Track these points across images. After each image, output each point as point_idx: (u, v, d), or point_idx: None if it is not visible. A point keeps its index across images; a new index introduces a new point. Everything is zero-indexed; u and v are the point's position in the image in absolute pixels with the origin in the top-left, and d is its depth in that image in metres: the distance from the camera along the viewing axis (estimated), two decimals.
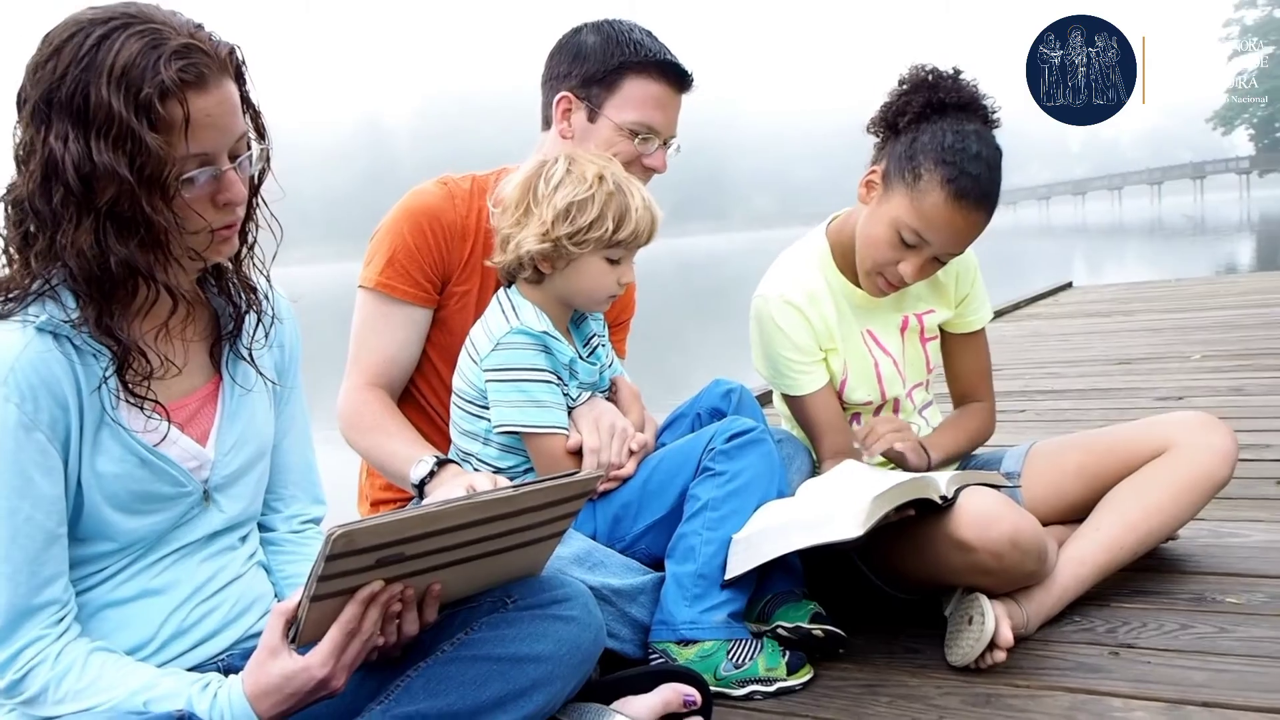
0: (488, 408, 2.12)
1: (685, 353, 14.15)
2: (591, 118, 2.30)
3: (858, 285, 2.39)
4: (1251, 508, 2.78)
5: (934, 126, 2.20)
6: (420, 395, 2.40)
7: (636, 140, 2.30)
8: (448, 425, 2.31)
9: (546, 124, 2.40)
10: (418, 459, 2.12)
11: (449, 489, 1.99)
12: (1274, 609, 2.11)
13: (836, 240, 2.43)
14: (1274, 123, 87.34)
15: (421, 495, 2.10)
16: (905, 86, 2.27)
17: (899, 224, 2.20)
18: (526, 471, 2.16)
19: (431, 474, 2.09)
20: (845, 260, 2.40)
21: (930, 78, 2.25)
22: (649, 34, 2.34)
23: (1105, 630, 2.08)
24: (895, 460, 2.33)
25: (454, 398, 2.21)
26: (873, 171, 2.29)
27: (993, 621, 1.92)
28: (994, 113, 2.26)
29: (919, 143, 2.19)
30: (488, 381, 2.10)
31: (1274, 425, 3.71)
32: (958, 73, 2.27)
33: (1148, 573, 2.34)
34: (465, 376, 2.17)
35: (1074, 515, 2.31)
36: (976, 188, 2.14)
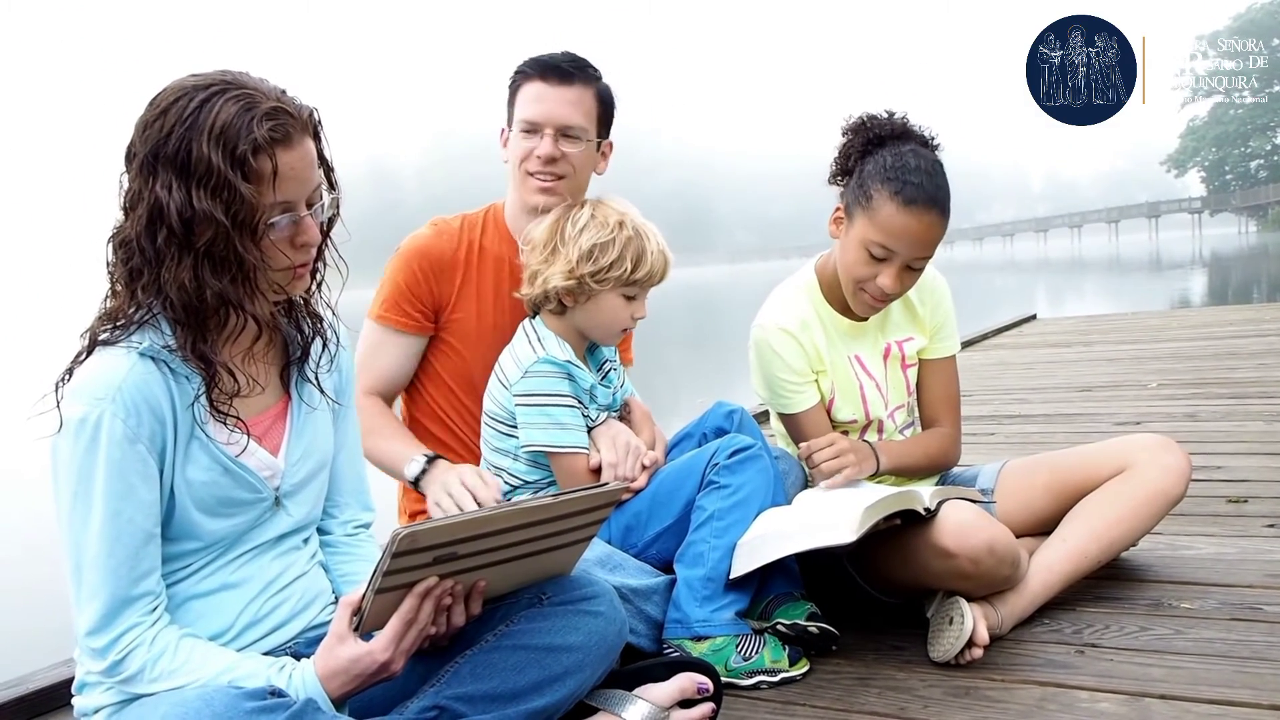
0: (516, 427, 2.21)
1: (674, 376, 14.20)
2: (510, 134, 2.42)
3: (844, 315, 2.49)
4: (1204, 523, 2.86)
5: (875, 157, 2.31)
6: (444, 414, 2.49)
7: (525, 138, 2.37)
8: (468, 438, 2.43)
9: None
10: (411, 458, 2.24)
11: (443, 481, 2.15)
12: (1223, 614, 2.20)
13: (823, 275, 2.52)
14: (1224, 166, 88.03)
15: (417, 488, 2.23)
16: (848, 134, 2.40)
17: (865, 242, 2.29)
18: (551, 484, 2.25)
19: (424, 470, 2.22)
20: (832, 292, 2.49)
21: (866, 121, 2.38)
22: (561, 54, 2.42)
23: (1072, 631, 2.17)
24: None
25: (485, 418, 2.31)
26: (837, 209, 2.40)
27: (971, 622, 2.01)
28: (931, 138, 2.38)
29: (865, 172, 2.31)
30: (517, 405, 2.20)
31: (1225, 448, 3.79)
32: (891, 113, 2.39)
33: (1110, 580, 2.43)
34: (495, 399, 2.27)
35: (1043, 528, 2.40)
36: (921, 192, 2.24)
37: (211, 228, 1.43)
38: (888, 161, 2.27)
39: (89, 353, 1.49)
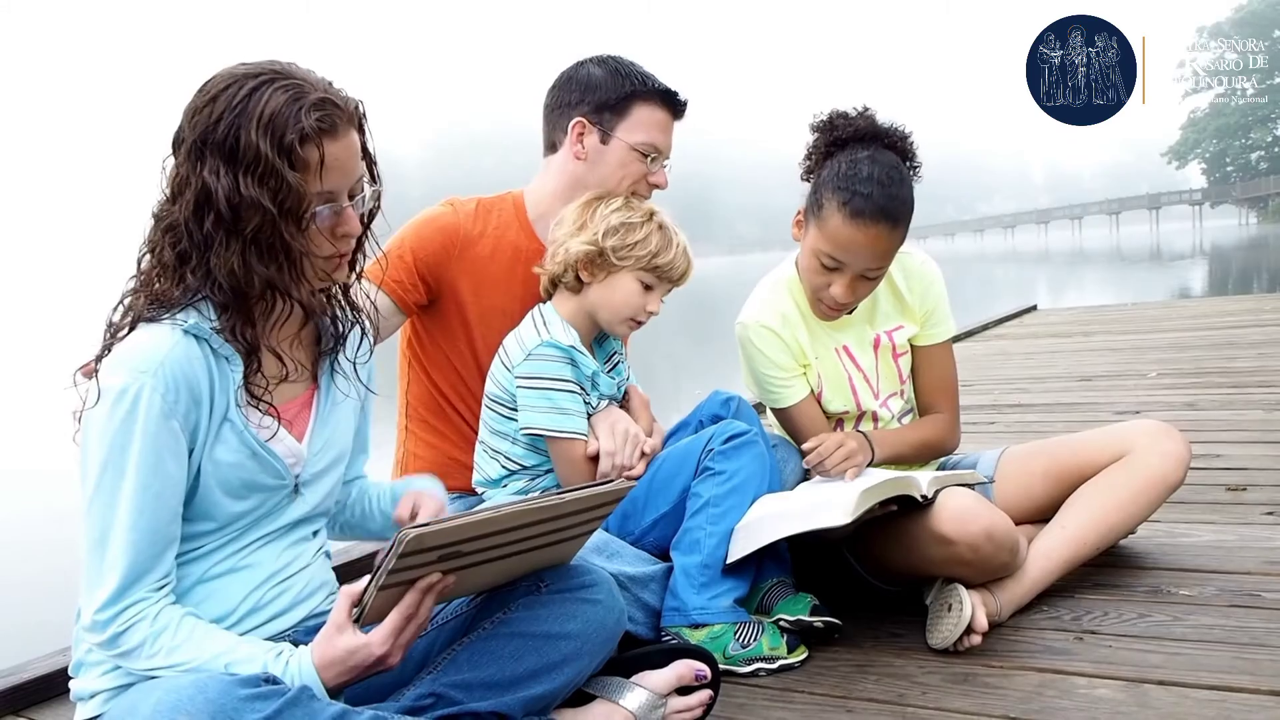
0: (516, 410, 2.21)
1: (674, 368, 14.17)
2: (604, 140, 2.38)
3: None
4: (1203, 511, 2.86)
5: (832, 161, 2.27)
6: (444, 397, 2.49)
7: (647, 160, 2.39)
8: (466, 422, 2.43)
9: (552, 148, 2.47)
10: None
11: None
12: (1222, 601, 2.19)
13: None
14: (1224, 158, 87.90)
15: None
16: (815, 133, 2.35)
17: (817, 252, 2.27)
18: (549, 470, 2.24)
19: None
20: None
21: (834, 120, 2.32)
22: (645, 68, 2.44)
23: (1070, 618, 2.16)
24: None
25: (485, 400, 2.30)
26: (799, 212, 2.37)
27: (969, 609, 2.00)
28: (905, 137, 2.31)
29: (821, 178, 2.27)
30: (518, 387, 2.19)
31: (1224, 437, 3.79)
32: (864, 109, 2.33)
33: (1109, 568, 2.42)
34: (497, 380, 2.26)
35: (1041, 515, 2.38)
36: (869, 205, 2.19)
37: (259, 215, 1.44)
38: (841, 169, 2.23)
39: (131, 329, 1.49)
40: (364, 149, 1.57)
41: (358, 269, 1.68)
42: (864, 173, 2.20)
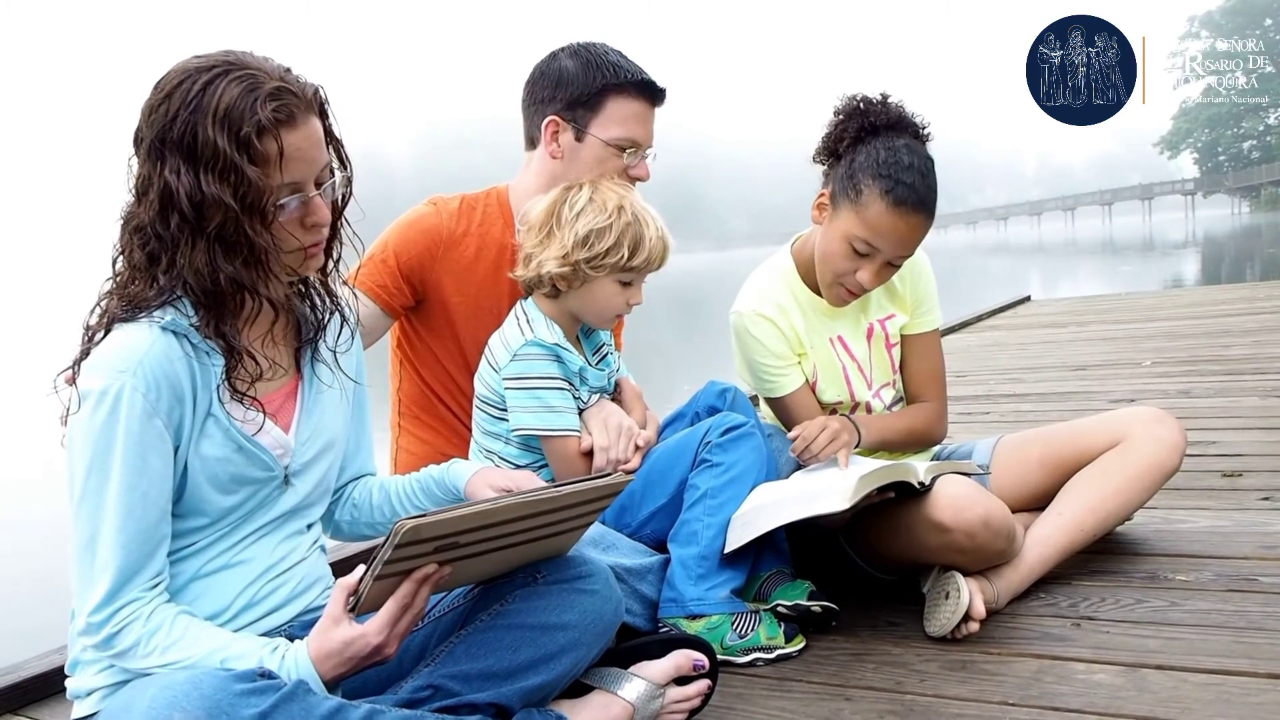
0: (507, 410, 2.20)
1: (667, 362, 14.17)
2: (579, 137, 2.35)
3: (821, 296, 2.46)
4: (1198, 497, 2.87)
5: (868, 147, 2.27)
6: (435, 394, 2.49)
7: (625, 155, 2.36)
8: (458, 419, 2.43)
9: (531, 144, 2.45)
10: None
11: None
12: (1218, 586, 2.20)
13: (800, 257, 2.50)
14: (1216, 147, 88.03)
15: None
16: (840, 116, 2.34)
17: (850, 237, 2.27)
18: (543, 466, 2.24)
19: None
20: (809, 275, 2.46)
21: (861, 105, 2.33)
22: (622, 55, 2.39)
23: (1068, 604, 2.17)
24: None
25: (476, 401, 2.29)
26: (821, 195, 2.36)
27: (967, 596, 2.00)
28: (923, 128, 2.34)
29: (857, 163, 2.27)
30: (506, 389, 2.18)
31: (1219, 424, 3.80)
32: (885, 97, 2.34)
33: (1106, 554, 2.43)
34: (485, 382, 2.25)
35: (1038, 503, 2.39)
36: (912, 194, 2.21)
37: (221, 212, 1.42)
38: (880, 156, 2.23)
39: (106, 331, 1.48)
40: (329, 134, 1.55)
41: (335, 256, 1.65)
42: (905, 161, 2.22)
